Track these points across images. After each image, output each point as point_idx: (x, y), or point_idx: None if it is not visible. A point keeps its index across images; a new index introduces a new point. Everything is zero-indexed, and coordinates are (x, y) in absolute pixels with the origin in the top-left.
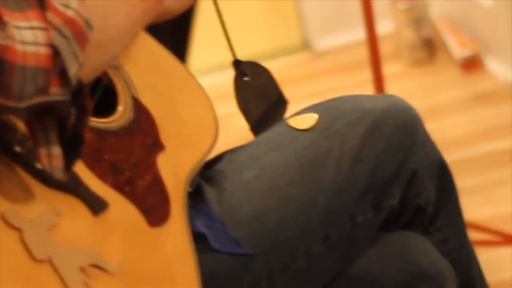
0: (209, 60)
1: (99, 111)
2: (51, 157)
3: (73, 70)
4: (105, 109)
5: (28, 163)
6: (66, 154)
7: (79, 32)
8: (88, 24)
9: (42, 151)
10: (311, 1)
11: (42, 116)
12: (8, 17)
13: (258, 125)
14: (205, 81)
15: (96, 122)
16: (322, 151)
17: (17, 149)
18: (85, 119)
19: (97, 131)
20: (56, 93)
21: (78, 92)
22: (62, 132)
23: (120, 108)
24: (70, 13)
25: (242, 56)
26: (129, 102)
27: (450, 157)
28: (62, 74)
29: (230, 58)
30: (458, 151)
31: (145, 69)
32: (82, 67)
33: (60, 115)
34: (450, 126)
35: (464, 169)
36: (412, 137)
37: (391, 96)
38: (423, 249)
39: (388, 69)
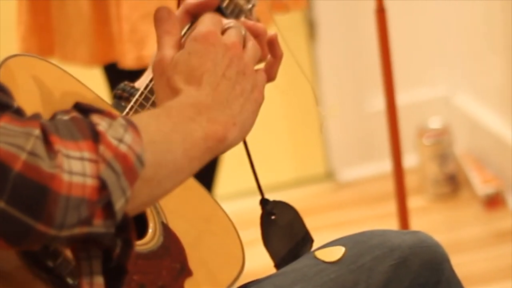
0: (234, 187)
1: None
2: (93, 285)
3: (119, 204)
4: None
5: (59, 277)
6: (108, 284)
7: (129, 168)
8: (140, 160)
9: (84, 280)
10: (336, 133)
11: (88, 244)
12: (60, 145)
13: (282, 262)
14: (230, 207)
15: None
16: (348, 285)
17: (49, 263)
18: (130, 252)
19: None
20: (100, 225)
21: (123, 226)
22: (106, 262)
23: (149, 232)
24: (122, 147)
25: (266, 184)
26: (159, 228)
27: None
28: (108, 207)
29: (254, 185)
30: None
31: (175, 197)
32: (129, 202)
33: (105, 246)
34: (471, 262)
35: None
36: (438, 275)
37: (418, 232)
38: None
39: (411, 203)
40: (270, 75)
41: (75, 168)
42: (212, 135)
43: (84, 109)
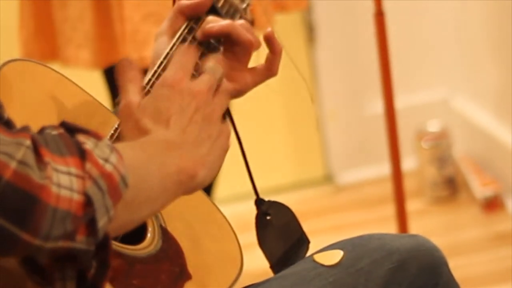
0: (233, 190)
1: (127, 238)
2: None
3: (102, 222)
4: (132, 236)
5: None
6: None
7: (114, 187)
8: (124, 181)
9: None
10: (335, 136)
11: (63, 264)
12: (49, 158)
13: (278, 263)
14: (229, 210)
15: (125, 248)
16: None
17: None
18: (105, 273)
19: (126, 257)
20: (82, 241)
21: (102, 245)
22: (80, 283)
23: (148, 236)
24: (108, 167)
25: (265, 187)
26: (157, 231)
27: None
28: (91, 224)
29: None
30: None
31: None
32: (111, 222)
33: (80, 266)
34: (470, 265)
35: None
36: (436, 278)
37: (416, 236)
38: None
39: (410, 206)
40: (272, 71)
41: (63, 182)
42: (184, 169)
43: (70, 129)
